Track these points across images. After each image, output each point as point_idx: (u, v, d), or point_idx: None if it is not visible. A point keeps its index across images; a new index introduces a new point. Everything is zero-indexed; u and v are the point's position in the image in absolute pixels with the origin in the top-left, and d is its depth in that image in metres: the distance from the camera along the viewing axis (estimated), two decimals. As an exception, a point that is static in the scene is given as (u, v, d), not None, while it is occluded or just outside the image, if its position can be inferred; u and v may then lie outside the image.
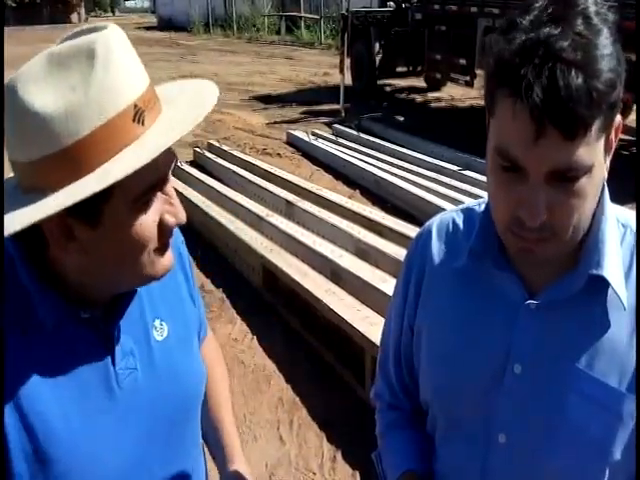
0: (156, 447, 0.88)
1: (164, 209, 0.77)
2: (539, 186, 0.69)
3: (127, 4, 72.33)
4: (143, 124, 0.71)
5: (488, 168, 0.75)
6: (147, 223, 0.75)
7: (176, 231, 0.95)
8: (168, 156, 0.74)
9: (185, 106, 0.76)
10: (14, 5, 37.04)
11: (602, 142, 0.70)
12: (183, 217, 0.79)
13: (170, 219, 0.77)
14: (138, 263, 0.77)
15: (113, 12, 62.59)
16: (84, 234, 0.73)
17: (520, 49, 0.66)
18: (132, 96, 0.70)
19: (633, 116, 6.60)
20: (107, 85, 0.68)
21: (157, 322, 0.90)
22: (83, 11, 42.08)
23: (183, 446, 0.95)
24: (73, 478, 0.78)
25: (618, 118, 0.72)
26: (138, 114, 0.70)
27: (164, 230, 0.77)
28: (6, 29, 31.28)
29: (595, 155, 0.69)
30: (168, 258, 0.81)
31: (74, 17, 40.04)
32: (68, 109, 0.66)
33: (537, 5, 0.69)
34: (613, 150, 0.74)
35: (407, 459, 0.99)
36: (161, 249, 0.79)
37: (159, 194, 0.76)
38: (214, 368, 1.14)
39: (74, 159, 0.67)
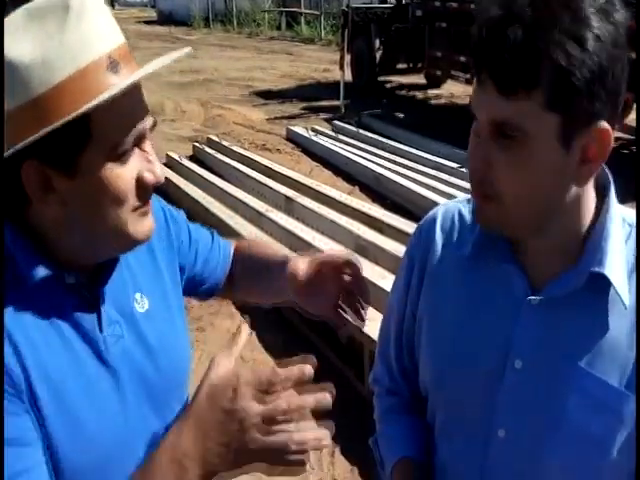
0: (146, 415, 0.89)
1: (143, 166, 0.77)
2: (483, 139, 0.73)
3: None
4: (118, 74, 0.71)
5: None
6: (125, 177, 0.75)
7: (157, 199, 0.96)
8: (143, 110, 0.76)
9: (158, 61, 0.77)
10: (13, -2, 36.80)
11: (553, 123, 0.69)
12: (161, 175, 0.79)
13: (149, 176, 0.77)
14: (117, 221, 0.77)
15: (113, 5, 62.30)
16: (62, 185, 0.73)
17: (491, 8, 0.70)
18: (106, 47, 0.71)
19: (633, 115, 6.59)
20: (81, 35, 0.69)
21: (137, 295, 0.91)
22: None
23: (171, 415, 0.95)
24: (71, 438, 0.78)
25: (603, 125, 0.70)
26: (112, 64, 0.71)
27: (143, 187, 0.78)
28: None
29: (537, 128, 0.69)
30: (149, 222, 0.82)
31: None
32: (44, 56, 0.68)
33: None
34: (599, 161, 0.73)
35: (404, 446, 1.00)
36: (141, 209, 0.79)
37: (137, 151, 0.77)
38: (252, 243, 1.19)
39: (47, 108, 0.68)
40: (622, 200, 0.82)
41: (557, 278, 0.81)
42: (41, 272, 0.77)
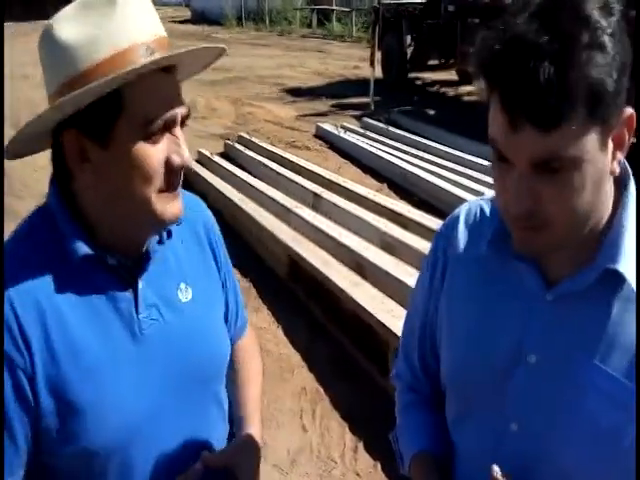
0: (175, 399, 0.93)
1: (171, 149, 0.83)
2: (523, 175, 0.70)
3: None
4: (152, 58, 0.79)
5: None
6: (153, 156, 0.82)
7: (208, 215, 1.05)
8: (177, 98, 0.83)
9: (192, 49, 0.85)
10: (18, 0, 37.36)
11: (595, 135, 0.69)
12: (189, 160, 0.84)
13: (176, 159, 0.83)
14: (144, 197, 0.83)
15: (148, 5, 63.15)
16: (96, 155, 0.82)
17: (501, 44, 0.67)
18: (144, 37, 0.80)
19: None
20: (123, 23, 0.79)
21: (182, 285, 0.96)
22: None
23: (202, 403, 1.00)
24: (93, 411, 0.85)
25: (628, 111, 0.71)
26: (148, 51, 0.80)
27: (171, 169, 0.83)
28: (8, 24, 31.48)
29: (582, 149, 0.68)
30: (177, 205, 0.87)
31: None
32: (88, 39, 0.78)
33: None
34: (627, 145, 0.73)
35: (423, 439, 1.01)
36: (169, 191, 0.85)
37: (168, 135, 0.83)
38: (248, 362, 1.18)
39: (87, 83, 0.77)
40: None
41: (573, 274, 0.80)
42: (85, 251, 0.84)
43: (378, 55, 9.66)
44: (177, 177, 0.85)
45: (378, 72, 9.79)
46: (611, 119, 0.69)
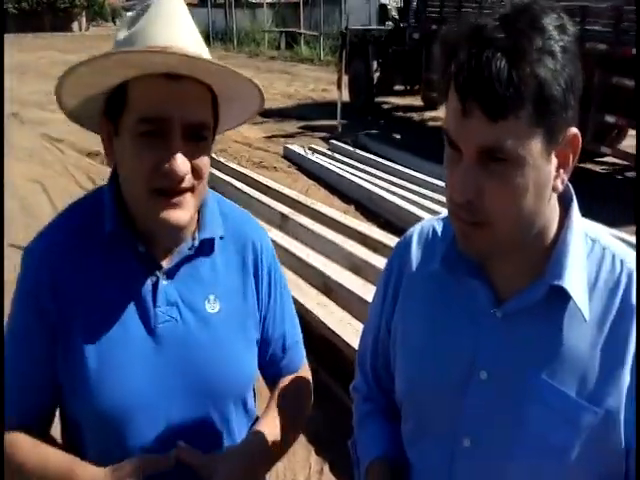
0: (181, 401, 0.95)
1: (164, 154, 0.85)
2: (469, 165, 0.74)
3: (128, 14, 72.90)
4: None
5: None
6: (142, 155, 0.85)
7: (262, 238, 1.09)
8: (175, 102, 0.85)
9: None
10: (15, 12, 37.19)
11: (539, 141, 0.72)
12: (180, 169, 0.86)
13: (165, 165, 0.85)
14: (139, 193, 0.88)
15: (114, 22, 62.91)
16: (115, 141, 0.90)
17: (460, 35, 0.72)
18: (162, 42, 0.86)
19: (629, 142, 6.66)
20: (153, 32, 0.88)
21: (211, 297, 0.98)
22: (84, 20, 42.29)
23: (207, 418, 0.99)
24: (98, 390, 0.90)
25: (573, 130, 0.75)
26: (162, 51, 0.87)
27: (161, 173, 0.85)
28: (7, 36, 31.46)
29: (527, 148, 0.72)
30: (174, 214, 0.88)
31: (75, 26, 40.26)
32: (125, 39, 0.90)
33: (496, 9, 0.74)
34: (571, 166, 0.77)
35: (378, 446, 1.02)
36: (164, 195, 0.87)
37: (164, 140, 0.85)
38: (287, 400, 1.12)
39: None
40: (621, 225, 0.84)
41: (521, 291, 0.83)
42: (119, 232, 0.92)
43: (345, 79, 9.80)
44: (170, 183, 0.86)
45: (345, 96, 9.92)
46: (556, 131, 0.73)
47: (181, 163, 0.85)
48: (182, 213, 0.88)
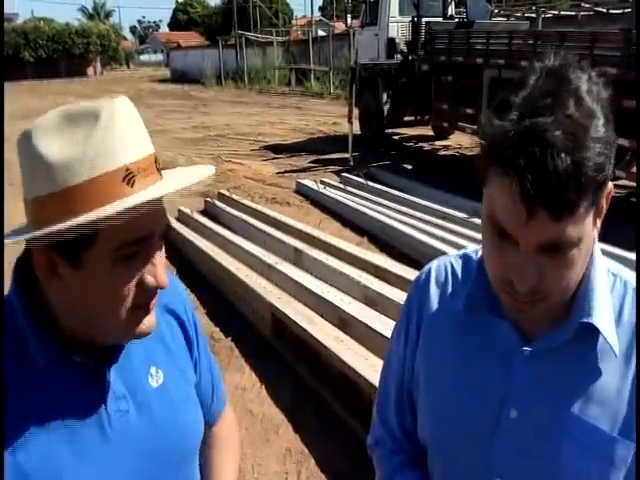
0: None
1: (146, 269, 0.80)
2: (529, 255, 0.73)
3: (141, 57, 74.95)
4: (132, 186, 0.76)
5: (482, 230, 0.79)
6: (126, 279, 0.79)
7: (185, 298, 1.02)
8: (154, 217, 0.79)
9: (178, 177, 0.83)
10: (32, 60, 38.36)
11: (591, 215, 0.73)
12: (164, 281, 0.82)
13: (150, 280, 0.81)
14: (117, 316, 0.81)
15: (128, 65, 64.56)
16: (67, 272, 0.78)
17: (513, 137, 0.69)
18: (125, 160, 0.76)
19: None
20: (104, 145, 0.75)
21: (153, 369, 0.93)
22: (99, 65, 43.44)
23: None
24: None
25: (609, 186, 0.75)
26: (128, 177, 0.76)
27: (144, 289, 0.81)
28: (24, 82, 32.36)
29: (583, 229, 0.72)
30: (150, 321, 0.84)
31: (90, 70, 41.29)
32: (66, 160, 0.74)
33: (531, 82, 0.72)
34: (604, 212, 0.77)
35: None
36: (142, 308, 0.82)
37: (143, 254, 0.80)
38: (225, 449, 1.13)
39: (61, 205, 0.75)
40: (633, 247, 0.83)
41: (549, 330, 0.83)
42: (50, 351, 0.81)
43: (356, 112, 9.92)
44: (151, 297, 0.83)
45: (356, 128, 10.02)
46: (602, 197, 0.74)
47: (163, 276, 0.82)
48: (154, 318, 0.86)
